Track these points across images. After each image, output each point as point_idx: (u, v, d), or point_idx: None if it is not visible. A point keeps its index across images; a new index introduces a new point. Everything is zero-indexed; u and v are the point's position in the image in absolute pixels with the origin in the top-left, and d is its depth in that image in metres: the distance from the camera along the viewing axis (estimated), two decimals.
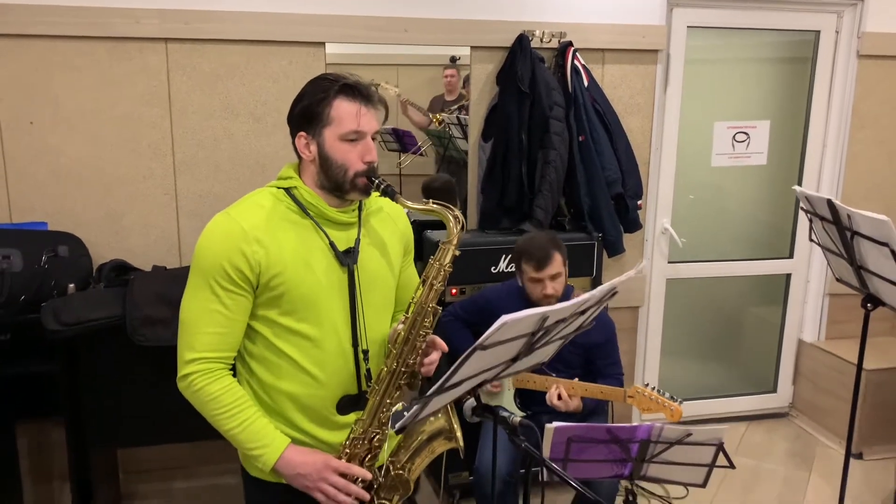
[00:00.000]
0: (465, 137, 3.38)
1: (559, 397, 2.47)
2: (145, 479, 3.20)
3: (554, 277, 2.51)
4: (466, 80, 3.34)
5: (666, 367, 3.83)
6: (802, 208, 2.64)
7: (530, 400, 2.69)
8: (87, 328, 2.47)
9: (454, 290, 3.04)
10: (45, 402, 2.83)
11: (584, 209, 3.19)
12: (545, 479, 2.18)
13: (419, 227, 3.01)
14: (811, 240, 2.68)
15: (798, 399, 4.04)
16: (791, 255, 3.92)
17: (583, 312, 1.46)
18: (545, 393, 2.59)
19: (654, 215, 3.61)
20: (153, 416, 2.67)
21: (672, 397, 2.40)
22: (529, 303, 2.58)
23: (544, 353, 1.56)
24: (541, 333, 1.38)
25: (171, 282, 2.61)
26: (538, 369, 2.60)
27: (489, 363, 1.41)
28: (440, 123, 3.81)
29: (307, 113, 1.59)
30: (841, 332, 3.86)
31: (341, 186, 1.61)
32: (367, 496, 1.66)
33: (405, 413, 1.39)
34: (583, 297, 1.39)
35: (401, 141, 3.99)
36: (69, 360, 2.60)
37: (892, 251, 2.15)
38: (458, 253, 1.65)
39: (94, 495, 2.76)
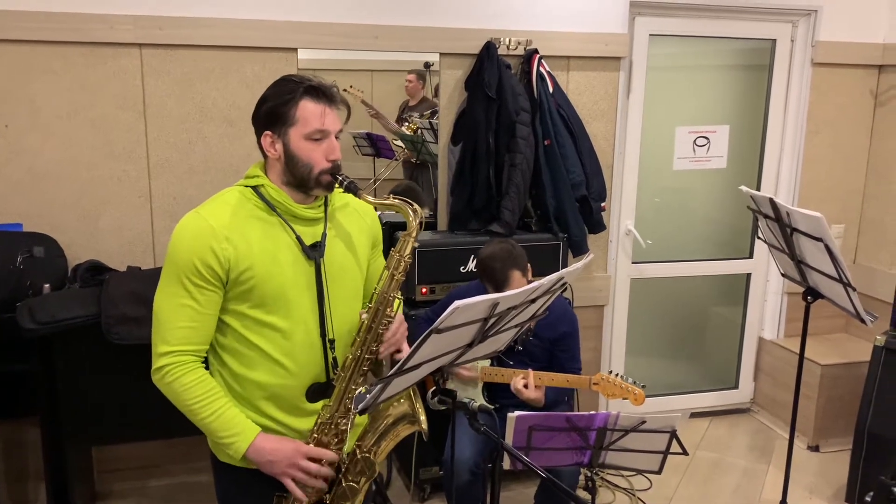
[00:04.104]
0: (438, 142, 3.47)
1: (525, 386, 2.56)
2: (120, 477, 3.24)
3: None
4: (438, 86, 3.44)
5: (631, 365, 3.94)
6: (749, 207, 2.77)
7: (498, 394, 2.78)
8: (62, 327, 2.51)
9: (424, 290, 3.12)
10: (20, 402, 2.86)
11: (549, 211, 3.30)
12: (508, 468, 2.26)
13: (390, 228, 3.09)
14: (758, 237, 2.81)
15: (759, 395, 4.17)
16: (751, 256, 4.05)
17: (533, 301, 1.55)
18: (510, 386, 2.68)
19: (618, 217, 3.72)
20: (128, 414, 2.71)
21: (634, 382, 2.51)
22: None
23: (500, 341, 1.65)
24: (493, 320, 1.47)
25: (146, 281, 2.65)
26: (504, 362, 2.71)
27: (446, 347, 1.49)
28: (414, 130, 3.90)
29: (273, 113, 1.66)
30: (799, 330, 3.95)
31: (306, 183, 1.69)
32: (333, 475, 1.73)
33: (367, 395, 1.47)
34: (532, 286, 1.48)
35: (375, 146, 4.07)
36: (44, 359, 2.63)
37: (826, 246, 2.28)
38: (416, 244, 1.73)
39: (70, 494, 2.78)
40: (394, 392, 1.54)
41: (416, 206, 1.72)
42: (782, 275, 2.82)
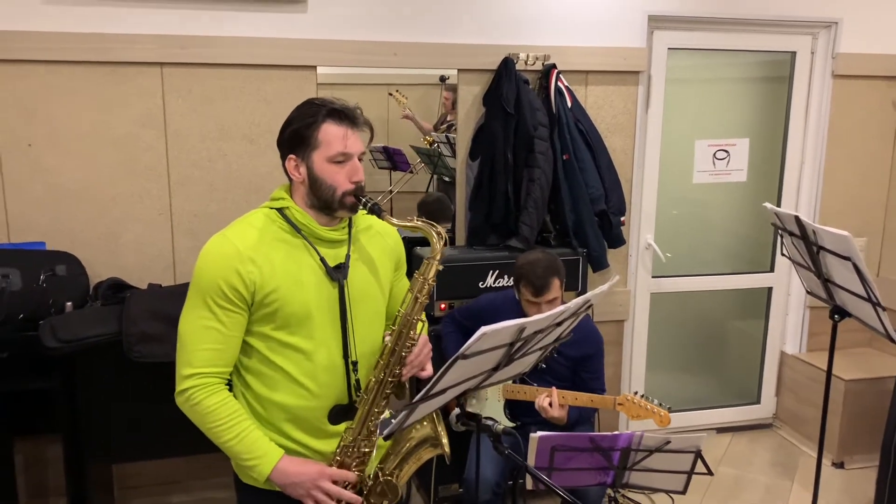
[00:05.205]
0: (455, 156, 3.47)
1: (550, 404, 2.54)
2: (140, 493, 3.24)
3: (550, 302, 2.58)
4: (455, 101, 3.44)
5: (651, 380, 3.91)
6: (773, 224, 2.74)
7: (520, 411, 2.76)
8: (84, 345, 2.52)
9: (443, 305, 3.11)
10: (42, 419, 2.89)
11: (568, 225, 3.28)
12: (530, 488, 2.25)
13: (409, 244, 3.08)
14: (782, 254, 2.78)
15: (781, 410, 4.12)
16: (772, 269, 4.01)
17: (559, 324, 1.54)
18: (534, 404, 2.66)
19: (637, 231, 3.70)
20: (148, 431, 2.72)
21: (660, 404, 2.48)
22: (523, 314, 2.65)
23: (524, 364, 1.64)
24: (519, 343, 1.46)
25: (167, 299, 2.67)
26: (526, 381, 2.69)
27: (471, 372, 1.48)
28: (431, 144, 3.91)
29: (296, 137, 1.67)
30: (821, 344, 3.95)
31: (330, 205, 1.69)
32: (358, 500, 1.72)
33: (392, 420, 1.47)
34: (559, 309, 1.47)
35: (391, 159, 4.08)
36: (66, 376, 2.65)
37: (855, 265, 2.25)
38: (441, 267, 1.73)
39: None
40: (418, 417, 1.53)
41: (440, 228, 1.72)
42: (808, 292, 2.78)
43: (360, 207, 1.70)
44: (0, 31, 2.76)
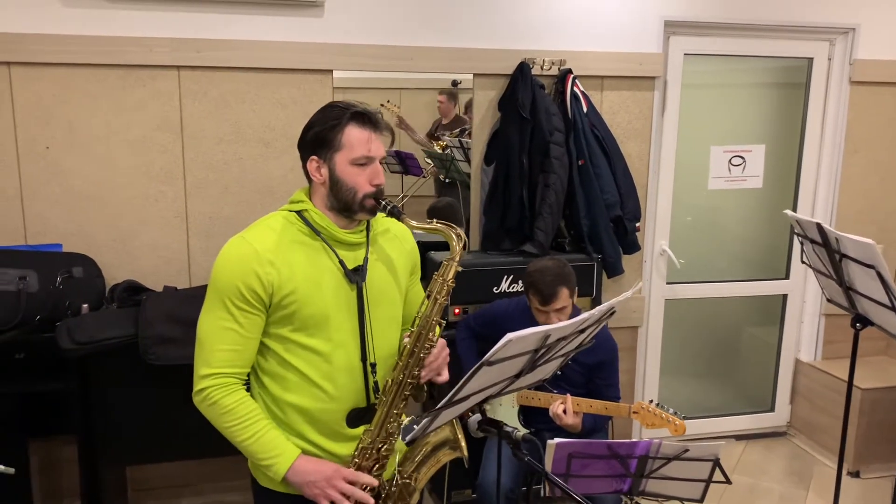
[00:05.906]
0: (467, 160, 3.46)
1: (564, 411, 2.52)
2: (153, 496, 3.24)
3: (559, 311, 2.56)
4: (469, 105, 3.44)
5: (665, 386, 3.89)
6: (794, 231, 2.72)
7: (534, 417, 2.75)
8: (100, 347, 2.53)
9: (457, 310, 3.10)
10: (57, 420, 2.89)
11: (583, 231, 3.27)
12: (547, 495, 2.24)
13: (423, 248, 3.07)
14: (803, 261, 2.76)
15: (795, 418, 4.08)
16: (787, 276, 3.98)
17: (582, 331, 1.53)
18: (549, 410, 2.64)
19: (652, 237, 3.68)
20: (162, 433, 2.72)
21: (675, 412, 2.46)
22: (537, 321, 2.63)
23: (546, 370, 1.63)
24: (543, 350, 1.45)
25: (183, 302, 2.67)
26: (542, 387, 2.67)
27: (494, 378, 1.48)
28: (443, 148, 3.90)
29: (319, 138, 1.68)
30: (837, 352, 3.92)
31: (350, 207, 1.70)
32: (371, 501, 1.72)
33: (415, 426, 1.46)
34: (583, 317, 1.46)
35: (403, 163, 4.07)
36: (81, 378, 2.65)
37: (879, 273, 2.23)
38: (460, 269, 1.73)
39: None
40: (441, 423, 1.52)
41: (459, 230, 1.73)
42: (828, 300, 2.75)
43: (380, 210, 1.70)
44: (19, 34, 2.77)
